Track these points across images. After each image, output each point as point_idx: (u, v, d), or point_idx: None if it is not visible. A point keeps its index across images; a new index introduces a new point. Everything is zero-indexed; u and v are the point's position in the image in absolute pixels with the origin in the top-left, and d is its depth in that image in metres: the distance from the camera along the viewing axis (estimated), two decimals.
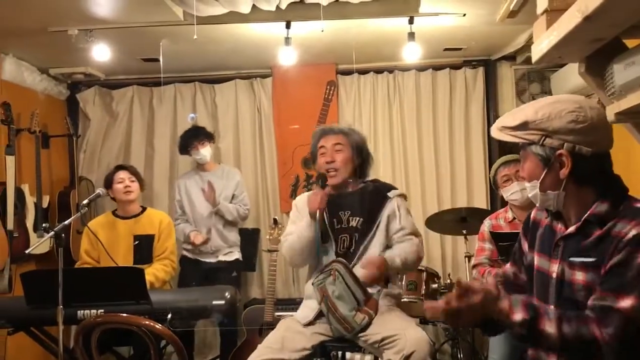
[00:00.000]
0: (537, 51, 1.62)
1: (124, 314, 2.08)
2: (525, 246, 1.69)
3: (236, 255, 4.26)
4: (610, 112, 1.43)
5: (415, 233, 2.71)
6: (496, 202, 4.56)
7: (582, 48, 1.49)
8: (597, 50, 1.52)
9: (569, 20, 1.35)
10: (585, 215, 1.47)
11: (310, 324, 2.58)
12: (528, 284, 1.67)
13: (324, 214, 2.68)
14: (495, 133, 1.56)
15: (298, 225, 2.71)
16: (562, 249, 1.54)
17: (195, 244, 4.05)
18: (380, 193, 2.73)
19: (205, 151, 4.17)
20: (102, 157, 4.79)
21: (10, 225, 3.66)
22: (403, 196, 2.79)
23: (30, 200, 3.96)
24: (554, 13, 1.52)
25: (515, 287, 1.68)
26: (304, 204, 2.72)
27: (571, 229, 1.51)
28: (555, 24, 1.49)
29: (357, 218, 2.69)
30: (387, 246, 2.67)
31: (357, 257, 2.62)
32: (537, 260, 1.62)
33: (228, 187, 4.23)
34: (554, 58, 1.62)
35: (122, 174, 3.55)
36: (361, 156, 2.77)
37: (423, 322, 3.82)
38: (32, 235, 3.92)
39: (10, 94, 3.92)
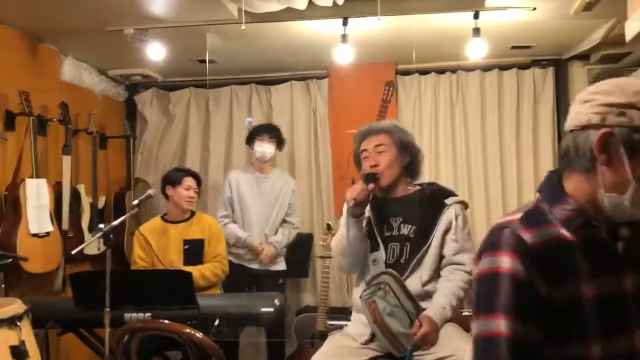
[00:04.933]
0: (634, 27, 1.39)
1: (165, 321, 1.99)
2: (541, 284, 1.18)
3: (283, 265, 4.11)
4: None
5: (469, 250, 2.44)
6: None
7: None
8: None
9: None
10: None
11: (366, 342, 2.37)
12: (569, 325, 1.19)
13: (372, 219, 2.48)
14: None
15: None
16: (628, 257, 1.24)
17: (263, 259, 3.93)
18: (437, 200, 2.48)
19: (269, 148, 4.00)
20: (159, 158, 4.79)
21: (65, 225, 3.67)
22: (463, 204, 2.53)
23: (86, 201, 3.97)
24: None
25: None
26: None
27: (624, 231, 1.23)
28: None
29: (410, 226, 2.45)
30: (441, 258, 2.44)
31: (410, 270, 2.39)
32: (593, 287, 1.20)
33: (284, 197, 4.07)
34: None
35: (191, 182, 3.47)
36: (409, 154, 2.52)
37: None
38: (87, 236, 3.93)
39: (69, 95, 3.95)
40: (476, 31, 3.38)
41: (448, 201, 2.47)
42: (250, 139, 4.06)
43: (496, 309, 1.18)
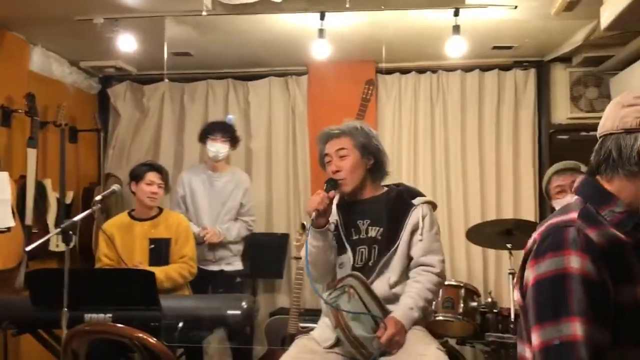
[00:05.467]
0: (608, 15, 1.31)
1: (119, 325, 1.87)
2: (611, 284, 1.16)
3: (238, 265, 3.99)
4: None
5: (436, 251, 2.38)
6: (546, 214, 4.19)
7: None
8: None
9: None
10: None
11: (331, 347, 2.29)
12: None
13: (339, 223, 2.41)
14: None
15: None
16: None
17: (212, 242, 3.79)
18: (404, 200, 2.42)
19: (222, 148, 3.88)
20: (131, 153, 4.65)
21: (28, 220, 3.53)
22: (430, 204, 2.46)
23: (52, 196, 3.83)
24: None
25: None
26: None
27: None
28: None
29: (378, 228, 2.38)
30: (410, 260, 2.37)
31: (377, 273, 2.32)
32: None
33: (236, 195, 3.96)
34: (632, 21, 1.30)
35: (153, 176, 3.33)
36: (373, 156, 2.44)
37: (460, 342, 3.52)
38: (54, 232, 3.79)
39: (37, 86, 3.81)
40: (456, 29, 3.30)
41: (415, 201, 2.41)
42: (203, 137, 3.94)
43: (569, 312, 1.13)
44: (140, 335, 1.71)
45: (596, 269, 1.14)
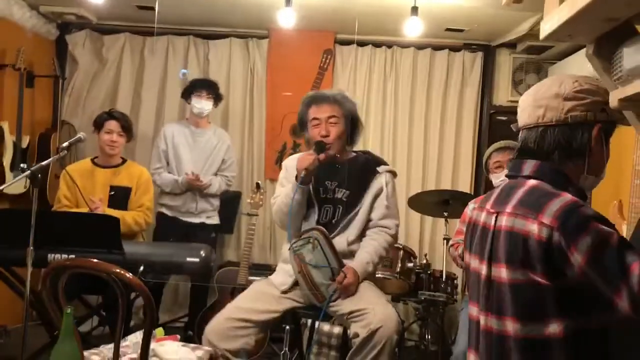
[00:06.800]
0: (547, 28, 1.58)
1: (95, 260, 2.03)
2: None
3: (216, 219, 4.16)
4: (614, 98, 1.40)
5: (394, 216, 2.68)
6: (480, 188, 4.56)
7: (594, 27, 1.45)
8: (607, 34, 1.48)
9: None
10: None
11: (286, 291, 2.55)
12: None
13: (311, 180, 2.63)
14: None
15: (286, 187, 2.65)
16: None
17: (200, 182, 3.89)
18: (369, 167, 2.69)
19: (207, 105, 3.99)
20: (87, 102, 4.67)
21: None
22: (393, 173, 2.74)
23: (9, 139, 3.85)
24: None
25: None
26: (293, 166, 2.65)
27: None
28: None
29: (344, 190, 2.64)
30: (368, 221, 2.63)
31: (338, 231, 2.59)
32: None
33: (219, 152, 4.09)
34: (563, 36, 1.57)
35: (112, 125, 3.43)
36: (353, 125, 2.70)
37: (395, 299, 3.84)
38: (9, 175, 3.83)
39: None
40: (414, 10, 3.51)
41: (380, 169, 2.67)
42: (187, 94, 4.03)
43: (630, 263, 1.20)
44: (118, 270, 1.87)
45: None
